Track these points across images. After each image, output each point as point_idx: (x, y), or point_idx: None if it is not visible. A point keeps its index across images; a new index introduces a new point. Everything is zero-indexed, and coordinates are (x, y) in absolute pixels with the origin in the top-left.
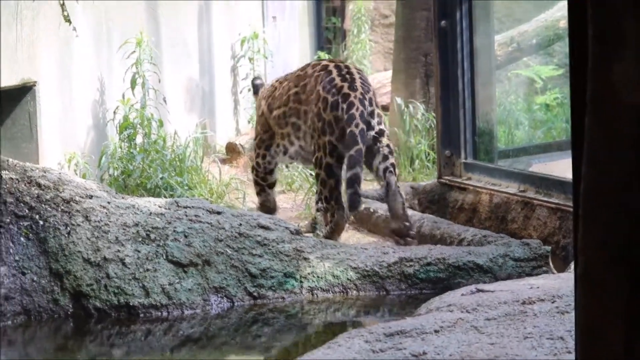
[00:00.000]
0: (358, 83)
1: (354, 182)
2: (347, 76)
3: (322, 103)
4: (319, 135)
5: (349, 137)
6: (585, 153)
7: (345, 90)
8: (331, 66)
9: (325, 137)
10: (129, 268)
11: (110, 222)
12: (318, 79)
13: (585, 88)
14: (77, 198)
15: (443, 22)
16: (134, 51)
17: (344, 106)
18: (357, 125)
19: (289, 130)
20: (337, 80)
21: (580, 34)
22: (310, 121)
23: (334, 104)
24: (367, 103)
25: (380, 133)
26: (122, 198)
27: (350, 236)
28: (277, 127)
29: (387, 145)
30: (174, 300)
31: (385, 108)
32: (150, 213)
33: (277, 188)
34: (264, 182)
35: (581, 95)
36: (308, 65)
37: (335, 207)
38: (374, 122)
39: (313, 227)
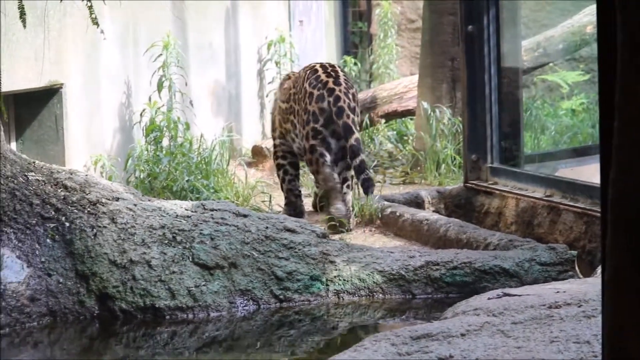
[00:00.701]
0: (342, 79)
1: (363, 169)
2: (332, 73)
3: (308, 98)
4: (304, 127)
5: (344, 128)
6: (614, 159)
7: (330, 85)
8: (318, 66)
9: (309, 125)
10: (155, 270)
11: (136, 224)
12: (305, 78)
13: (614, 93)
14: (104, 200)
15: (470, 27)
16: (161, 54)
17: (331, 99)
18: (348, 116)
19: (289, 127)
20: (323, 76)
21: (609, 40)
22: (299, 117)
23: (319, 97)
24: (350, 97)
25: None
26: (149, 200)
27: (376, 240)
28: (282, 121)
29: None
30: (200, 303)
31: (411, 112)
32: (177, 215)
33: (305, 192)
34: (284, 160)
35: (609, 100)
36: (307, 66)
37: (322, 174)
38: (355, 118)
39: (342, 223)
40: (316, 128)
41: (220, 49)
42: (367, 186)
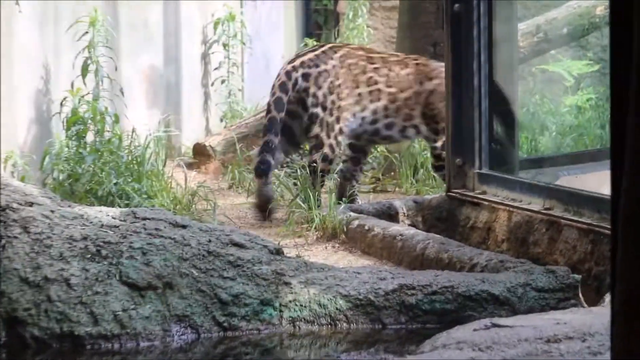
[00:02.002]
0: (305, 58)
1: (264, 149)
2: (305, 49)
3: None
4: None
5: (267, 105)
6: (627, 160)
7: (288, 62)
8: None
9: None
10: (74, 290)
11: (53, 234)
12: None
13: (628, 86)
14: (14, 205)
15: (457, 6)
16: (87, 32)
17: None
18: (273, 94)
19: None
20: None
21: (623, 23)
22: None
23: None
24: (298, 76)
25: (312, 117)
26: (69, 206)
27: (340, 258)
28: None
29: (315, 137)
30: (128, 330)
31: None
32: (102, 225)
33: (255, 200)
34: None
35: (623, 95)
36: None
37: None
38: (309, 101)
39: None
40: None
41: (158, 27)
42: (257, 169)
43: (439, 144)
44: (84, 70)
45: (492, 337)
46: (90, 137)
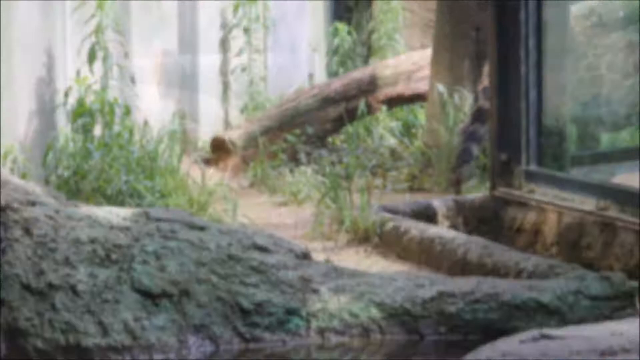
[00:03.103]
0: None
1: (468, 138)
2: None
3: None
4: None
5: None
6: None
7: None
8: None
9: None
10: (82, 298)
11: (58, 237)
12: None
13: None
14: (15, 205)
15: None
16: (94, 15)
17: None
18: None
19: None
20: None
21: None
22: None
23: None
24: None
25: None
26: (75, 206)
27: (373, 263)
28: None
29: None
30: (141, 341)
31: (422, 97)
32: (112, 227)
33: (279, 199)
34: None
35: None
36: None
37: None
38: None
39: None
40: None
41: (172, 10)
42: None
43: None
44: (91, 57)
45: (541, 350)
46: (97, 130)
